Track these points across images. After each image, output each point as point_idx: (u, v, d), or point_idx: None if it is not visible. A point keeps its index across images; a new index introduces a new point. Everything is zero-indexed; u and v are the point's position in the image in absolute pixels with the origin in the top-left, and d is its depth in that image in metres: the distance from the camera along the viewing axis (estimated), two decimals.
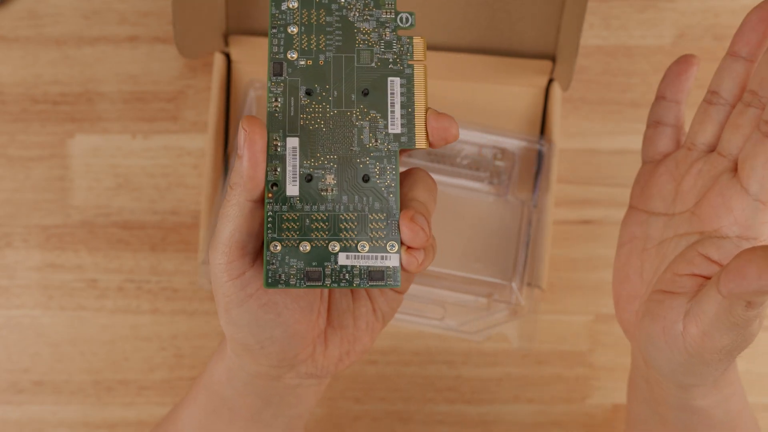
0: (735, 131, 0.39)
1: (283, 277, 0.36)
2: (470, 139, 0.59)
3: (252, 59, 0.60)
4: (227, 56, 0.60)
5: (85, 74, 0.62)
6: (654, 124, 0.44)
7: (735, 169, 0.39)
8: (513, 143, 0.59)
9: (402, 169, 0.38)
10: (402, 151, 0.37)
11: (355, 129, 0.37)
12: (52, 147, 0.62)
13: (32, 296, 0.61)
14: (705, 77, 0.64)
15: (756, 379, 0.62)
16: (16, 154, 0.62)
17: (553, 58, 0.60)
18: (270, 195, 0.36)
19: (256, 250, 0.37)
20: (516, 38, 0.60)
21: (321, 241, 0.36)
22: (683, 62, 0.43)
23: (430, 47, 0.60)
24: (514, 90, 0.61)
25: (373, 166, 0.36)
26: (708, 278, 0.38)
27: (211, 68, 0.60)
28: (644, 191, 0.43)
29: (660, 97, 0.44)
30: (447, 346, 0.61)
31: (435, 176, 0.58)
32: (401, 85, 0.37)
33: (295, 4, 0.37)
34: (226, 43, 0.60)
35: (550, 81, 0.60)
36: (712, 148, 0.41)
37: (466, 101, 0.61)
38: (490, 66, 0.60)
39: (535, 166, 0.59)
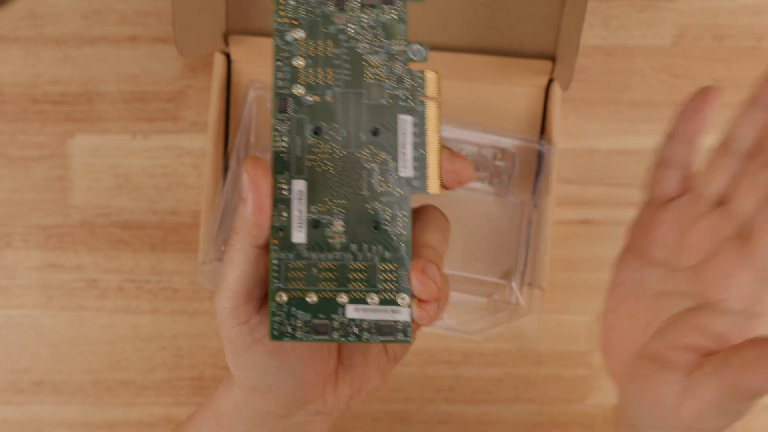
0: (749, 192, 0.37)
1: (289, 329, 0.34)
2: (470, 139, 0.59)
3: (252, 59, 0.60)
4: (227, 56, 0.60)
5: (85, 74, 0.62)
6: (662, 163, 0.40)
7: (745, 234, 0.37)
8: (513, 143, 0.59)
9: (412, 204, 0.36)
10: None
11: (365, 172, 0.35)
12: (52, 147, 0.62)
13: (32, 296, 0.61)
14: (704, 78, 0.64)
15: None
16: (16, 154, 0.61)
17: (553, 58, 0.60)
18: (275, 241, 0.34)
19: (263, 295, 0.35)
20: (516, 38, 0.60)
21: (328, 292, 0.34)
22: (703, 97, 0.39)
23: (430, 47, 0.60)
24: (514, 90, 0.61)
25: (383, 213, 0.35)
26: (707, 354, 0.36)
27: (211, 68, 0.60)
28: (644, 235, 0.40)
29: (672, 135, 0.40)
30: (447, 346, 0.61)
31: None
32: (413, 124, 0.35)
33: (302, 35, 0.35)
34: (226, 43, 0.60)
35: (550, 81, 0.60)
36: (722, 201, 0.38)
37: (466, 101, 0.61)
38: (490, 66, 0.60)
39: (535, 166, 0.59)
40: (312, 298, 0.34)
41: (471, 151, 0.59)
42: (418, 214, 0.36)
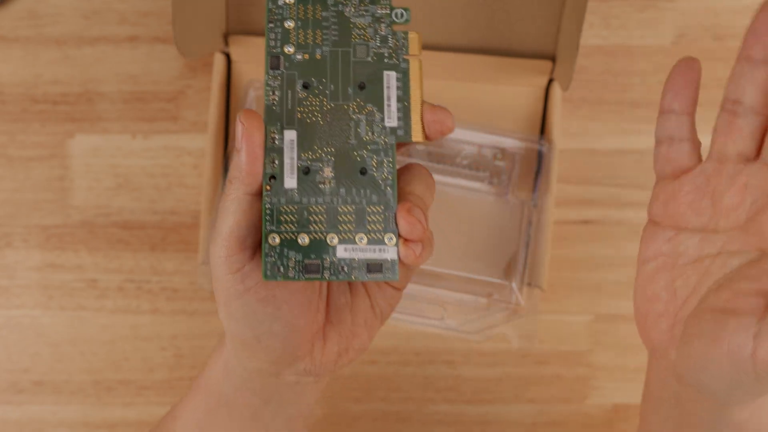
0: None
1: (281, 269, 0.36)
2: (470, 139, 0.59)
3: (252, 59, 0.60)
4: (227, 56, 0.60)
5: (85, 74, 0.62)
6: (667, 140, 0.41)
7: None
8: (513, 143, 0.59)
9: (400, 165, 0.38)
10: (400, 146, 0.37)
11: (352, 122, 0.37)
12: (52, 147, 0.62)
13: (32, 296, 0.61)
14: (705, 78, 0.64)
15: None
16: (16, 154, 0.62)
17: (553, 58, 0.60)
18: (268, 188, 0.36)
19: (256, 244, 0.37)
20: (516, 38, 0.60)
21: (319, 234, 0.36)
22: (687, 69, 0.40)
23: (430, 47, 0.60)
24: (514, 90, 0.61)
25: (370, 159, 0.37)
26: None
27: (211, 68, 0.60)
28: (669, 207, 0.41)
29: (668, 111, 0.41)
30: (447, 346, 0.61)
31: (435, 176, 0.58)
32: (397, 79, 0.37)
33: (292, 0, 0.37)
34: (226, 43, 0.60)
35: (550, 81, 0.60)
36: (749, 159, 0.39)
37: (466, 101, 0.61)
38: (490, 66, 0.60)
39: (535, 166, 0.59)
40: (303, 239, 0.36)
41: (471, 151, 0.59)
42: (404, 170, 0.38)
